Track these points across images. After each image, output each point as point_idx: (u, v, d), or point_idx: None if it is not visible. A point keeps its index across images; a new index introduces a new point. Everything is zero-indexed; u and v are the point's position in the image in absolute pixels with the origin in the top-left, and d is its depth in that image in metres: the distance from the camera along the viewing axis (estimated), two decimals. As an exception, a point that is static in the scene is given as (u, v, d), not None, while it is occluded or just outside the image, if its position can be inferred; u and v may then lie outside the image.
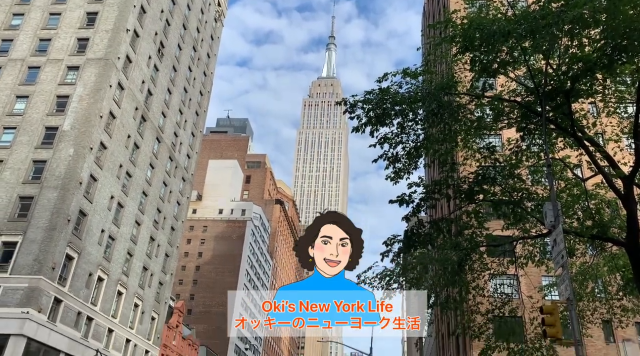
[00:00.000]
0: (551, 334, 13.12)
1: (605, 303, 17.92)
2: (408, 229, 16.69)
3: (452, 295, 17.86)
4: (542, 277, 28.55)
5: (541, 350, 17.13)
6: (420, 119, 14.92)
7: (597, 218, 15.45)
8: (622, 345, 34.17)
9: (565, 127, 14.44)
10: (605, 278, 17.85)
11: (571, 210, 16.02)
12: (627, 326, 19.06)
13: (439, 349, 52.35)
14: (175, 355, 58.32)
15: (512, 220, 16.37)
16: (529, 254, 17.70)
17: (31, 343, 33.01)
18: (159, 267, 52.73)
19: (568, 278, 12.88)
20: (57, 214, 35.95)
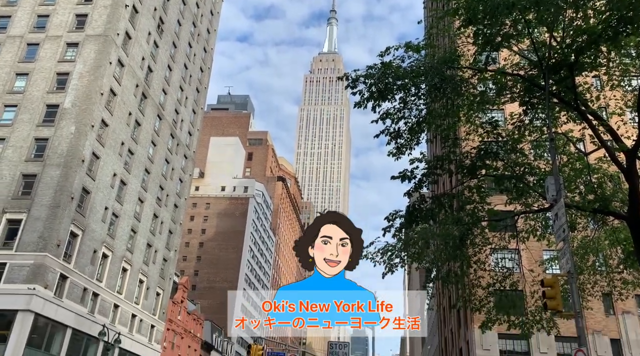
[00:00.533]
0: (552, 306, 13.28)
1: (606, 276, 18.08)
2: (410, 205, 16.75)
3: (454, 269, 18.02)
4: (543, 251, 28.75)
5: (541, 322, 17.36)
6: (422, 94, 14.83)
7: (599, 192, 15.48)
8: (622, 317, 34.58)
9: (569, 100, 14.35)
10: (606, 252, 17.97)
11: (573, 184, 16.03)
12: (627, 298, 19.27)
13: (440, 322, 53.07)
14: (181, 330, 59.25)
15: (514, 195, 16.41)
16: (531, 228, 17.79)
17: (39, 318, 33.55)
18: (163, 244, 53.19)
19: (569, 251, 12.97)
20: (60, 192, 36.13)
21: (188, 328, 61.52)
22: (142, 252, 48.17)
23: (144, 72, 48.20)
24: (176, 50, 55.73)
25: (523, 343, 33.71)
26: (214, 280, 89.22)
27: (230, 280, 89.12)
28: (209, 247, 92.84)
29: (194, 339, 63.43)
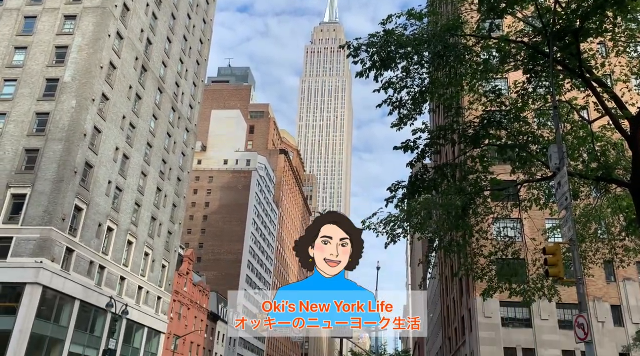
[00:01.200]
0: (553, 274, 13.40)
1: (608, 244, 18.18)
2: (412, 175, 16.75)
3: (456, 239, 18.11)
4: (545, 220, 28.87)
5: (542, 290, 17.52)
6: (425, 62, 14.65)
7: (602, 160, 15.43)
8: (623, 284, 34.98)
9: (573, 67, 14.17)
10: (608, 220, 18.01)
11: (576, 152, 15.97)
12: (628, 265, 19.40)
13: (442, 291, 53.75)
14: (187, 301, 60.20)
15: (517, 164, 16.37)
16: (533, 197, 17.82)
17: (47, 290, 34.10)
18: (167, 217, 53.56)
19: (571, 219, 13.03)
20: (63, 166, 36.22)
21: (194, 299, 62.50)
22: (146, 225, 48.57)
23: (143, 45, 47.68)
24: (175, 21, 54.99)
25: (524, 311, 34.22)
26: (218, 252, 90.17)
27: (234, 252, 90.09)
28: (213, 219, 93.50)
29: (200, 309, 64.52)
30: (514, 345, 34.14)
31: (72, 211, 36.84)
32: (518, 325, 34.86)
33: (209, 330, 68.37)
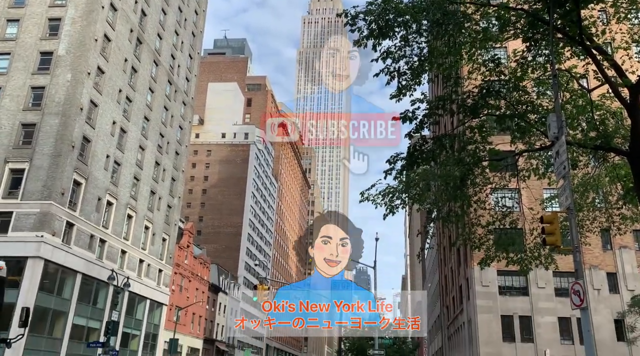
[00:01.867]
0: (550, 242, 13.53)
1: (605, 212, 18.30)
2: (411, 146, 16.72)
3: (454, 209, 18.20)
4: (543, 190, 29.00)
5: (540, 258, 17.71)
6: (424, 30, 14.46)
7: (601, 129, 15.40)
8: (619, 252, 35.38)
9: (573, 35, 14.00)
10: (606, 189, 18.10)
11: (575, 121, 15.93)
12: (624, 234, 19.57)
13: (440, 261, 54.36)
14: (188, 273, 60.85)
15: (516, 134, 16.34)
16: (532, 167, 17.85)
17: (49, 264, 34.43)
18: (166, 191, 53.67)
19: (569, 188, 13.08)
20: (60, 140, 36.10)
21: (195, 272, 63.16)
22: (146, 199, 48.71)
23: (138, 16, 46.93)
24: (169, -8, 54.00)
25: (521, 279, 34.71)
26: (218, 225, 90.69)
27: (234, 226, 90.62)
28: (212, 193, 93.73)
29: (201, 282, 65.28)
30: (510, 313, 34.74)
31: (71, 185, 36.89)
32: (515, 293, 35.39)
33: (211, 302, 69.32)
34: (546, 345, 33.34)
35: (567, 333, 34.03)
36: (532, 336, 34.20)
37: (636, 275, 32.94)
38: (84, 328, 39.10)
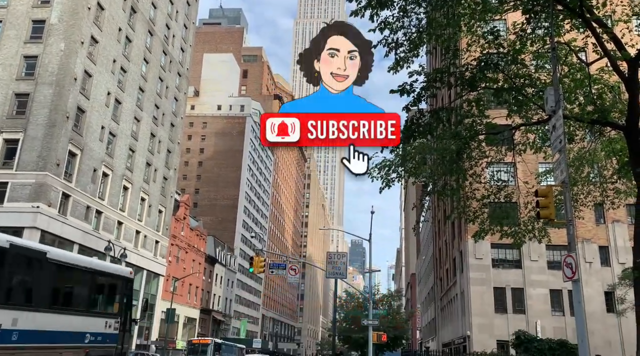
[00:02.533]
0: (544, 215, 13.64)
1: (599, 187, 18.43)
2: (408, 119, 16.67)
3: (449, 183, 18.27)
4: (538, 164, 29.09)
5: (533, 232, 17.90)
6: (422, 0, 14.24)
7: (599, 104, 15.39)
8: (612, 226, 35.78)
9: (574, 7, 13.84)
10: (601, 163, 18.19)
11: (573, 95, 15.89)
12: (618, 207, 19.76)
13: (434, 234, 54.86)
14: (185, 245, 61.27)
15: (513, 108, 16.30)
16: (528, 141, 17.88)
17: (45, 235, 34.55)
18: (162, 163, 53.58)
19: (564, 162, 13.12)
20: (55, 111, 35.79)
21: (192, 243, 63.59)
22: (141, 171, 48.64)
23: (131, -16, 45.98)
24: (163, -41, 52.79)
25: (514, 252, 35.13)
26: (214, 198, 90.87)
27: (230, 198, 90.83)
28: (208, 165, 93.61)
29: (198, 253, 65.79)
30: (503, 285, 35.28)
31: (66, 156, 36.75)
32: (508, 266, 35.87)
33: (207, 273, 70.01)
34: (537, 316, 33.97)
35: (558, 305, 34.66)
36: (524, 308, 34.82)
37: (628, 249, 33.34)
38: (82, 298, 39.48)
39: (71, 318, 12.02)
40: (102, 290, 13.68)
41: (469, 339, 34.43)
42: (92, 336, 12.46)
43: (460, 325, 38.22)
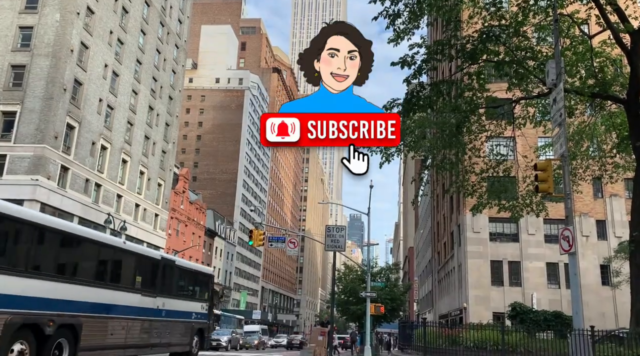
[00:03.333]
0: (543, 189, 13.70)
1: (598, 161, 18.47)
2: (408, 92, 16.57)
3: (449, 157, 18.29)
4: (538, 138, 29.07)
5: (531, 206, 18.01)
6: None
7: (600, 77, 15.30)
8: (609, 200, 35.99)
9: (578, -22, 13.64)
10: (600, 137, 18.19)
11: (574, 68, 15.79)
12: (616, 182, 19.85)
13: (433, 208, 55.13)
14: (184, 218, 61.57)
15: (514, 81, 16.21)
16: (528, 115, 17.83)
17: (45, 207, 34.63)
18: (161, 136, 53.39)
19: (564, 135, 13.11)
20: (52, 83, 35.48)
21: (191, 217, 63.89)
22: (140, 144, 48.52)
23: (127, -47, 45.01)
24: None
25: (512, 226, 35.40)
26: (213, 171, 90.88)
27: (229, 172, 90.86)
28: (207, 139, 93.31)
29: (198, 227, 66.17)
30: (500, 258, 35.67)
31: (64, 129, 36.59)
32: (505, 239, 36.20)
33: (207, 246, 70.55)
34: (533, 288, 34.45)
35: (554, 278, 35.11)
36: (520, 281, 35.28)
37: (625, 223, 33.59)
38: (83, 270, 39.88)
39: (187, 302, 17.58)
40: (200, 284, 19.03)
41: (466, 311, 34.97)
42: (196, 314, 18.08)
43: (457, 297, 38.76)
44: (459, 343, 12.07)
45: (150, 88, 50.54)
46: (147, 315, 14.79)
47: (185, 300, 17.53)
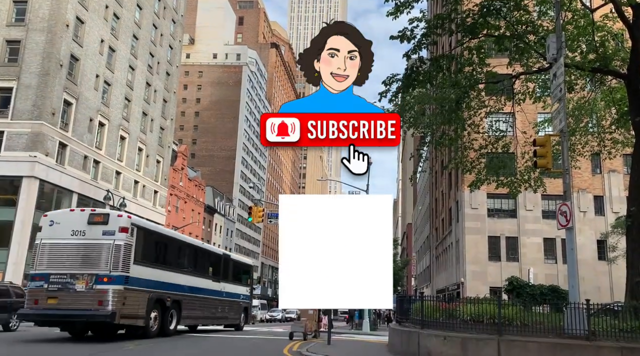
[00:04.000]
0: (541, 165, 13.73)
1: (597, 137, 18.43)
2: (408, 68, 16.44)
3: (448, 133, 18.24)
4: (537, 114, 28.98)
5: (529, 181, 18.04)
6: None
7: (601, 51, 15.16)
8: (607, 176, 36.11)
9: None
10: (600, 113, 18.11)
11: (575, 43, 15.63)
12: (614, 157, 19.85)
13: (431, 184, 55.30)
14: (183, 195, 61.71)
15: (514, 55, 16.07)
16: (528, 90, 17.73)
17: (44, 184, 34.72)
18: (159, 112, 53.13)
19: (564, 110, 13.08)
20: (48, 58, 35.12)
21: (190, 194, 64.04)
22: (138, 121, 48.31)
23: None
24: None
25: (510, 202, 35.56)
26: (212, 148, 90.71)
27: (228, 149, 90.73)
28: (205, 116, 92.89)
29: (197, 203, 66.38)
30: (498, 234, 35.94)
31: (61, 105, 36.38)
32: (503, 215, 36.41)
33: (207, 223, 70.90)
34: (530, 263, 34.80)
35: (551, 253, 35.45)
36: (517, 256, 35.62)
37: (622, 198, 33.75)
38: (83, 246, 40.16)
39: (237, 286, 22.95)
40: (246, 273, 24.73)
41: (463, 285, 35.39)
42: (242, 296, 23.60)
43: (455, 273, 39.18)
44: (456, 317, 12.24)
45: (147, 64, 50.09)
46: (216, 296, 20.17)
47: (237, 284, 22.92)
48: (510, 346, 11.09)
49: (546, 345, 10.84)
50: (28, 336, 15.23)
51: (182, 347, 13.77)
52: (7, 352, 11.40)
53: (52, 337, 15.00)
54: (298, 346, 14.81)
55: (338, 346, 15.41)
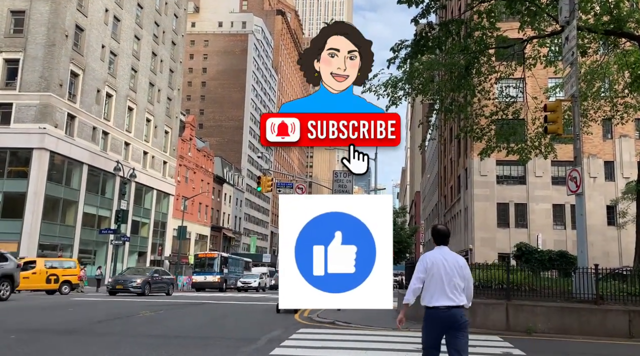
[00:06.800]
0: (552, 130, 13.61)
1: (610, 101, 18.17)
2: (417, 33, 16.15)
3: (457, 100, 18.04)
4: (548, 79, 28.54)
5: (540, 148, 17.90)
6: None
7: (615, 13, 14.78)
8: (619, 141, 35.71)
9: None
10: (613, 77, 17.81)
11: (589, 4, 15.24)
12: (626, 122, 19.61)
13: (440, 152, 55.08)
14: (192, 165, 62.00)
15: (525, 19, 15.72)
16: (539, 54, 17.42)
17: (55, 155, 35.00)
18: (165, 83, 52.90)
19: (575, 75, 12.88)
20: (53, 29, 34.87)
21: (199, 164, 64.30)
22: (145, 91, 48.18)
23: None
24: None
25: (519, 169, 35.40)
26: (219, 119, 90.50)
27: (235, 119, 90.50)
28: (212, 86, 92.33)
29: (206, 173, 66.72)
30: (507, 201, 35.92)
31: (68, 77, 36.31)
32: (512, 182, 36.31)
33: (216, 192, 71.40)
34: (539, 230, 34.86)
35: (560, 219, 35.44)
36: (526, 222, 35.66)
37: (633, 163, 33.47)
38: (95, 217, 40.73)
39: None
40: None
41: (471, 252, 35.62)
42: None
43: (463, 239, 39.39)
44: (465, 282, 12.43)
45: (152, 33, 49.62)
46: None
47: None
48: (518, 310, 11.24)
49: (554, 308, 10.97)
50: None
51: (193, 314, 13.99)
52: None
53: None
54: (308, 312, 15.10)
55: (347, 311, 15.71)
